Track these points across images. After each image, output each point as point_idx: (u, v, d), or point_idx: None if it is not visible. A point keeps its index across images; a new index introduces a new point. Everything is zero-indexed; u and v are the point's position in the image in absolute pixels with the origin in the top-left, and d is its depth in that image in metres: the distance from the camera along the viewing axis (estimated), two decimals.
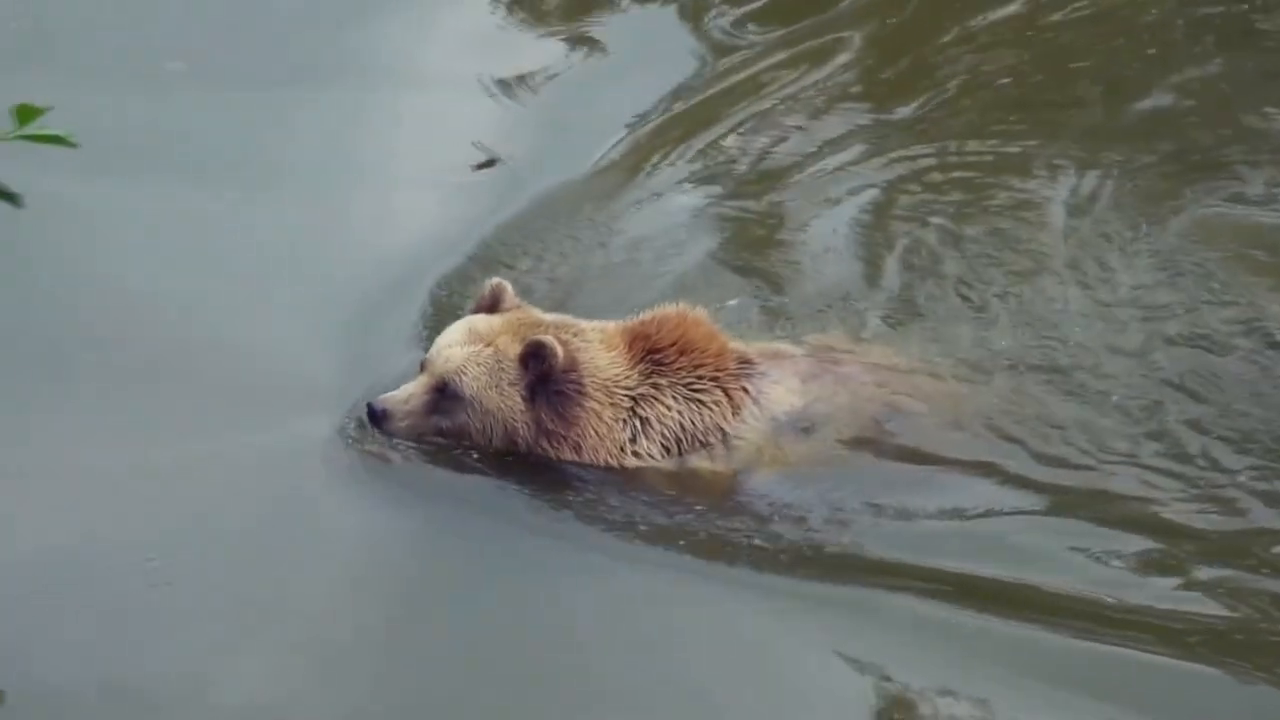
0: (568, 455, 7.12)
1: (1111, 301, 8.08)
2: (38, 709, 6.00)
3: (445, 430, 7.13)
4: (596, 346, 7.18)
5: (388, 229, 8.74)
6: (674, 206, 9.00)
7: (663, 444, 7.18)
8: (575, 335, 7.18)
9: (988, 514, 7.05)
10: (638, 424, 7.15)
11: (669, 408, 7.17)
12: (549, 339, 7.01)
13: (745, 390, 7.24)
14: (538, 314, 7.30)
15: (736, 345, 7.38)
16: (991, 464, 7.23)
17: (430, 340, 7.35)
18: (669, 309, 7.33)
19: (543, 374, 7.04)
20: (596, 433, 7.11)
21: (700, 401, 7.19)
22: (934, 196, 8.99)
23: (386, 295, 8.18)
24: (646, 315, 7.33)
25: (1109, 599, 6.60)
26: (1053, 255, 8.42)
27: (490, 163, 9.21)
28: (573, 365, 7.07)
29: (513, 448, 7.14)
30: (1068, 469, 7.22)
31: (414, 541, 7.04)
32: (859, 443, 7.24)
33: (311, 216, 8.80)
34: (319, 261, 8.47)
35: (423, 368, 7.16)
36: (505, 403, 7.06)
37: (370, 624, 6.55)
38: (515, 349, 7.05)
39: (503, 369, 7.05)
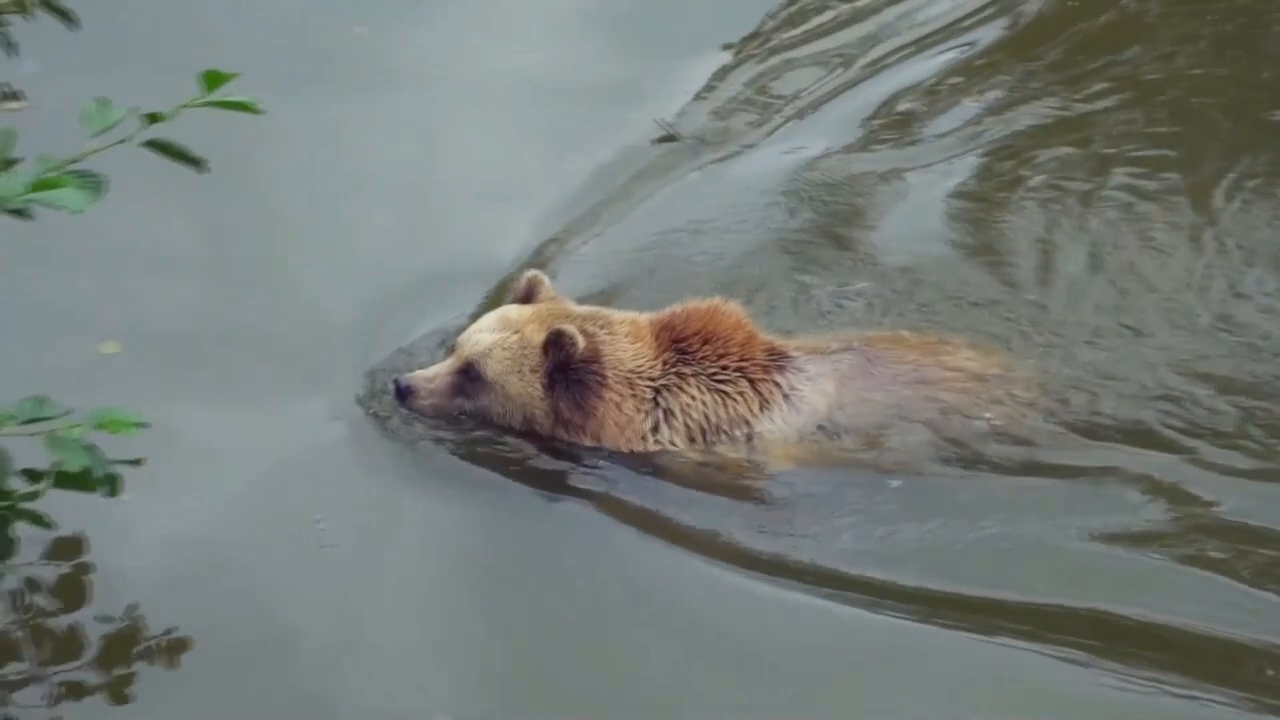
0: (586, 442, 7.25)
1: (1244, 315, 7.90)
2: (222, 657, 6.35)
3: (467, 412, 7.28)
4: (622, 338, 7.27)
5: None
6: (774, 178, 9.07)
7: (687, 435, 7.25)
8: (602, 327, 7.29)
9: (1025, 534, 6.90)
10: (660, 415, 7.24)
11: (693, 398, 7.24)
12: (570, 328, 7.14)
13: (776, 384, 7.26)
14: (570, 306, 7.43)
15: (771, 338, 7.39)
16: (1055, 481, 7.09)
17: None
18: (701, 301, 7.40)
19: (562, 362, 7.17)
20: (616, 424, 7.21)
21: (724, 393, 7.24)
22: (1065, 188, 8.83)
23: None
24: (677, 307, 7.40)
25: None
26: (1187, 260, 8.22)
27: (670, 138, 9.36)
28: (595, 356, 7.19)
29: (531, 432, 7.29)
30: (1172, 490, 7.00)
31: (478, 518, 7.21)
32: (894, 448, 7.19)
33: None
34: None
35: (452, 350, 7.34)
36: (526, 389, 7.21)
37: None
38: (539, 337, 7.19)
39: (526, 356, 7.20)
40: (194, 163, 4.77)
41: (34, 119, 8.11)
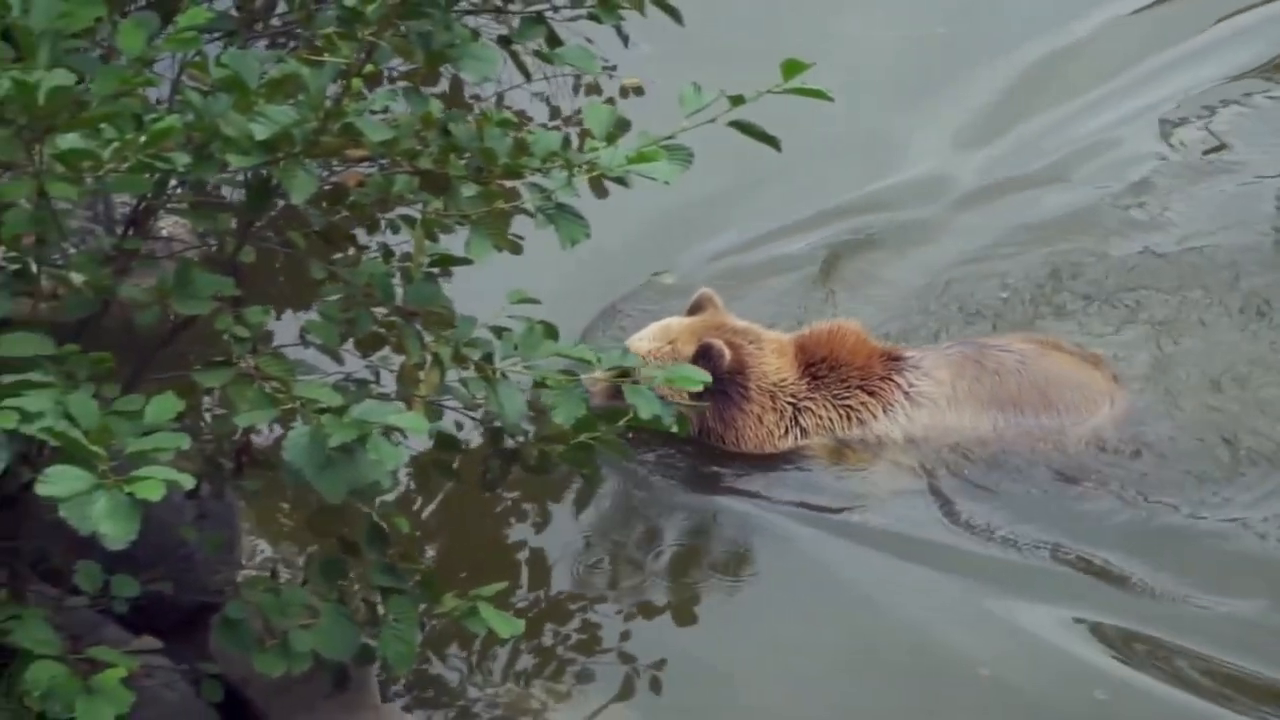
0: (728, 448, 7.64)
1: None
2: None
3: None
4: (769, 353, 7.59)
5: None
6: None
7: (822, 447, 7.64)
8: (751, 341, 7.60)
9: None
10: (799, 432, 7.57)
11: (821, 418, 7.62)
12: (717, 342, 7.43)
13: (896, 385, 7.55)
14: (727, 320, 7.68)
15: (886, 347, 7.69)
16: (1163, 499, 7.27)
17: None
18: (823, 323, 7.74)
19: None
20: (755, 435, 7.56)
21: (849, 407, 7.60)
22: None
23: None
24: (806, 329, 7.74)
25: None
26: None
27: (1220, 147, 9.25)
28: (740, 368, 7.51)
29: None
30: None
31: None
32: (1002, 444, 7.45)
33: None
34: None
35: None
36: (672, 397, 7.41)
37: None
38: (690, 349, 7.49)
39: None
40: (770, 142, 5.18)
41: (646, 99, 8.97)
